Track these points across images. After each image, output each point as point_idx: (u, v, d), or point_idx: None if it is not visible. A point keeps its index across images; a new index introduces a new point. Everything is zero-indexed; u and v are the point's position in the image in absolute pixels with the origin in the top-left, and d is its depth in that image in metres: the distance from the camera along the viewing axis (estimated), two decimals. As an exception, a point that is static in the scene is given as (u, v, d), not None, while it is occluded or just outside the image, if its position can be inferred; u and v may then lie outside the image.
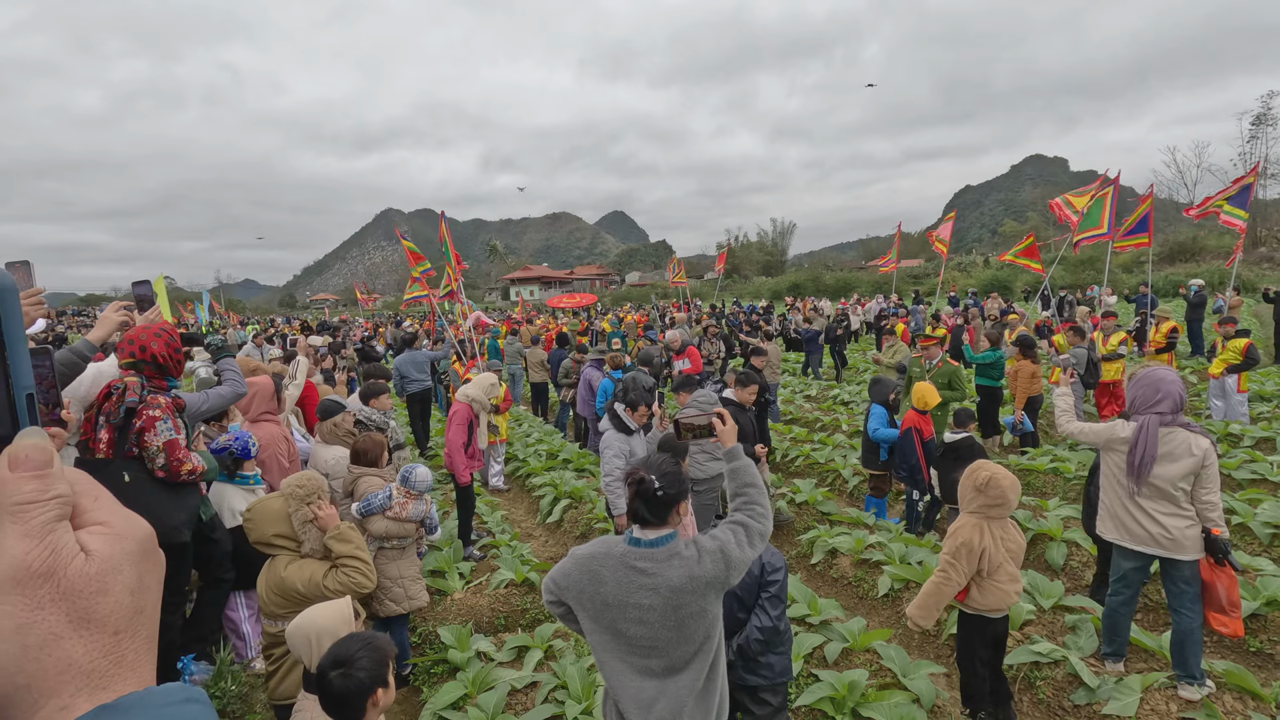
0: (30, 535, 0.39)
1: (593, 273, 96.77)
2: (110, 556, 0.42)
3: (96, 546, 0.41)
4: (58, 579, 0.39)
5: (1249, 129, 38.44)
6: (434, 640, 4.49)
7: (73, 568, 0.40)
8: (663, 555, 2.07)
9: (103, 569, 0.41)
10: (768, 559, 3.07)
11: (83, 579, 0.40)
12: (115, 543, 0.42)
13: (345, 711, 1.96)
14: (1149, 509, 3.62)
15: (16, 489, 0.40)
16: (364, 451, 4.32)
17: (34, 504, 0.40)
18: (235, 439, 4.01)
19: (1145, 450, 3.56)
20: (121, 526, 0.44)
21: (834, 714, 3.52)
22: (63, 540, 0.40)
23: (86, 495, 0.44)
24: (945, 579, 3.42)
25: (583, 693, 3.65)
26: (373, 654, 1.99)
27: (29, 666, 0.37)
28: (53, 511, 0.40)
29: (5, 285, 0.41)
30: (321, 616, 2.30)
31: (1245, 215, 10.03)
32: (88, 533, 0.42)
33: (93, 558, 0.41)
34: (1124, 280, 27.20)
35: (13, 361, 0.42)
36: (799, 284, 44.96)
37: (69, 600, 0.39)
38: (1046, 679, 3.84)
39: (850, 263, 68.68)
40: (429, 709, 3.65)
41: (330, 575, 2.96)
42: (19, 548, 0.39)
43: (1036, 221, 57.06)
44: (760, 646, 3.01)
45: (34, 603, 0.38)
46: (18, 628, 0.38)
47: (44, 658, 0.38)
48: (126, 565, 0.42)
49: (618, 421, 4.96)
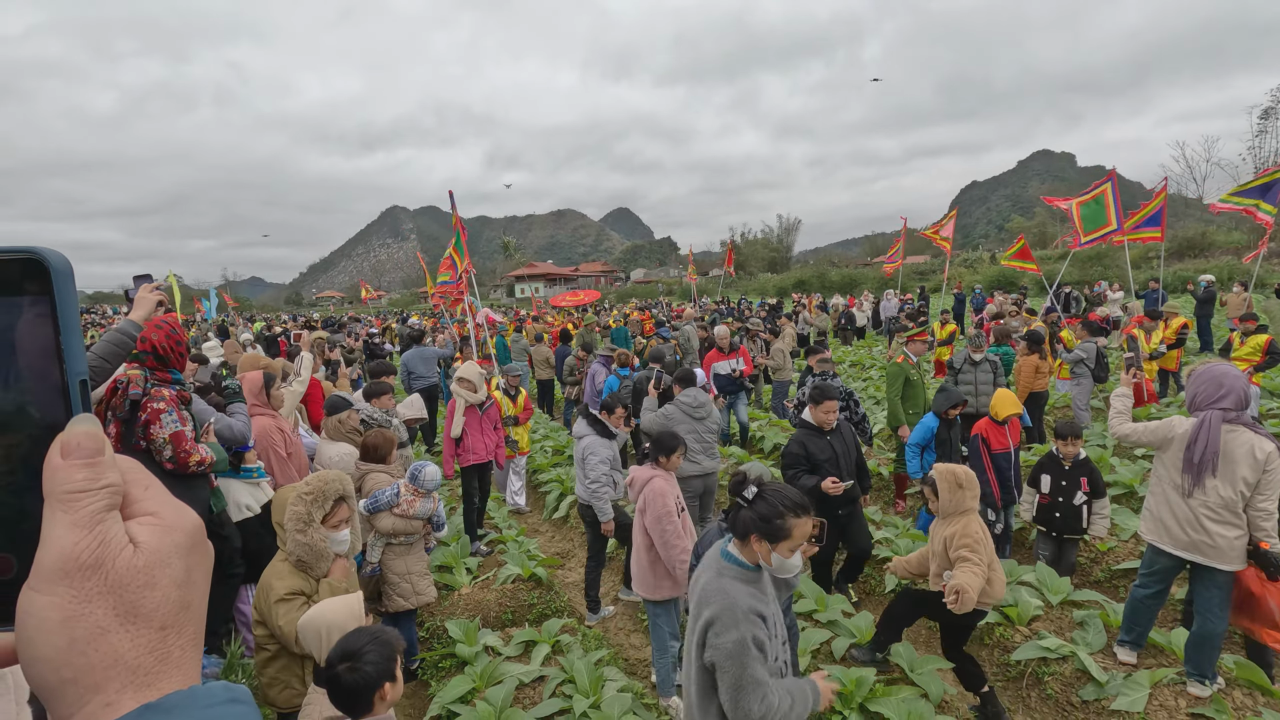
0: (79, 525, 0.38)
1: (597, 270, 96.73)
2: (159, 549, 0.41)
3: (145, 538, 0.41)
4: (106, 571, 0.38)
5: (1258, 123, 38.12)
6: (442, 635, 4.50)
7: (121, 560, 0.39)
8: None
9: (150, 562, 0.40)
10: None
11: (131, 572, 0.39)
12: (164, 535, 0.41)
13: (353, 705, 1.97)
14: (1199, 513, 3.44)
15: (67, 477, 0.39)
16: (374, 447, 4.32)
17: (84, 493, 0.39)
18: None
19: (1207, 447, 3.37)
20: (171, 518, 0.43)
21: (842, 709, 3.52)
22: (112, 531, 0.39)
23: (137, 484, 0.43)
24: (978, 571, 3.35)
25: (590, 687, 3.65)
26: (380, 648, 2.00)
27: (75, 660, 0.37)
28: (103, 501, 0.39)
29: (62, 269, 0.41)
30: (331, 611, 2.31)
31: (1275, 210, 9.88)
32: (137, 523, 0.41)
33: (141, 550, 0.40)
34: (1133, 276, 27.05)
35: (66, 346, 0.41)
36: (804, 280, 44.82)
37: (116, 594, 0.38)
38: (1055, 674, 3.83)
39: (855, 259, 68.43)
40: (437, 702, 3.66)
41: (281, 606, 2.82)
42: (68, 538, 0.38)
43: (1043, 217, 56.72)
44: None
45: (82, 595, 0.37)
46: (65, 620, 0.37)
47: (90, 652, 0.37)
48: (175, 558, 0.41)
49: (600, 427, 4.85)
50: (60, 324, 0.41)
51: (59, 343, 0.41)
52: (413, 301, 72.53)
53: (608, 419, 4.88)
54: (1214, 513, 3.41)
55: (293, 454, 4.69)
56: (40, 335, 0.41)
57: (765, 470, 3.08)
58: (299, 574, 2.93)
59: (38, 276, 0.41)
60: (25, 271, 0.40)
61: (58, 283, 0.41)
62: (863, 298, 24.16)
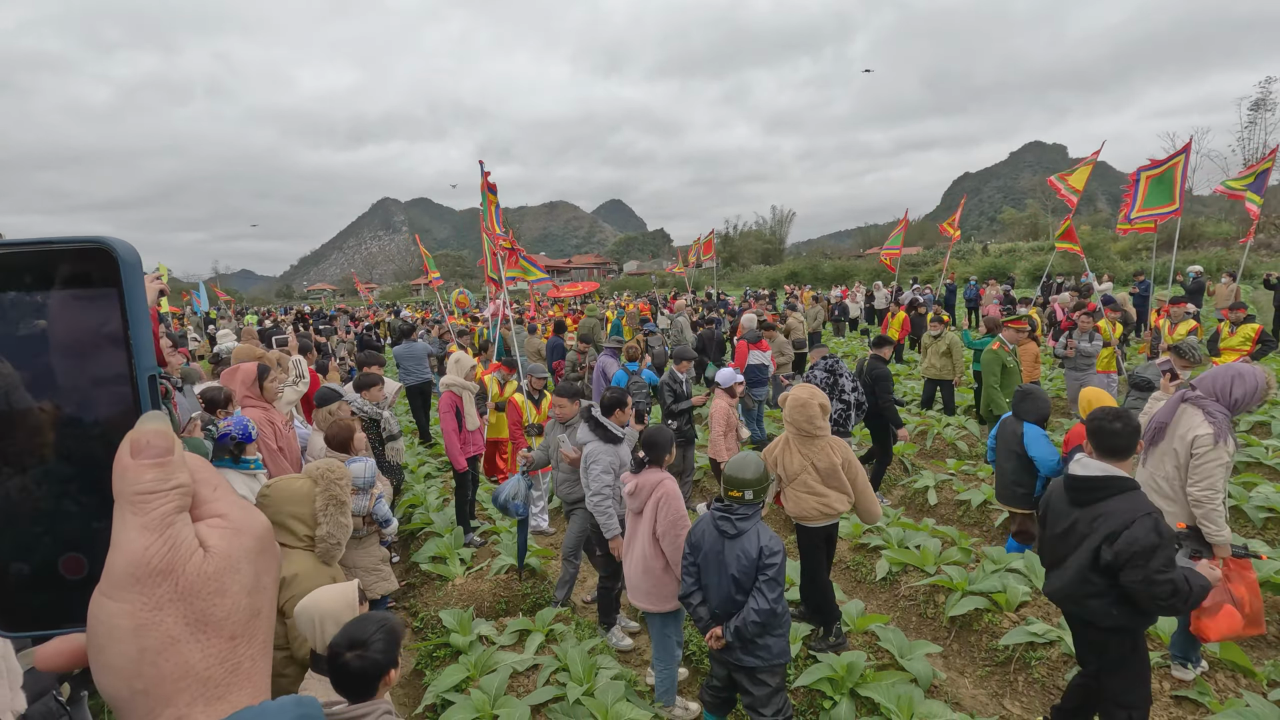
0: (150, 528, 0.37)
1: (590, 262, 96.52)
2: (229, 554, 0.39)
3: (215, 542, 0.39)
4: (176, 577, 0.37)
5: (1248, 114, 38.33)
6: (436, 624, 4.52)
7: (191, 565, 0.37)
8: None
9: (221, 567, 0.38)
10: (766, 542, 3.09)
11: (201, 578, 0.37)
12: (234, 538, 0.40)
13: (359, 690, 1.99)
14: (1147, 485, 3.58)
15: (137, 477, 0.37)
16: (333, 437, 4.29)
17: (155, 494, 0.37)
18: (235, 424, 4.02)
19: (1156, 417, 3.65)
20: (240, 520, 0.41)
21: (833, 694, 3.56)
22: (182, 535, 0.38)
23: (206, 484, 0.41)
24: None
25: (584, 675, 3.68)
26: (387, 635, 2.04)
27: (147, 671, 0.35)
28: (173, 503, 0.38)
29: (131, 260, 0.39)
30: (326, 600, 2.32)
31: (1261, 200, 9.83)
32: (206, 526, 0.39)
33: (211, 555, 0.38)
34: (1121, 267, 27.18)
35: (135, 341, 0.40)
36: (797, 272, 44.88)
37: (187, 601, 0.37)
38: (1042, 659, 3.89)
39: (848, 250, 68.53)
40: (432, 691, 3.69)
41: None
42: (139, 542, 0.36)
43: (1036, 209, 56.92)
44: (757, 629, 3.04)
45: (153, 602, 0.36)
46: (136, 628, 0.35)
47: (161, 662, 0.35)
48: (245, 563, 0.40)
49: (602, 431, 4.34)
50: (129, 317, 0.39)
51: (128, 336, 0.39)
52: (404, 294, 72.18)
53: (610, 420, 4.42)
54: (1157, 485, 3.59)
55: (284, 447, 4.68)
56: (108, 329, 0.39)
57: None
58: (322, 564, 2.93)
59: (105, 267, 0.39)
60: (92, 262, 0.39)
61: (126, 274, 0.39)
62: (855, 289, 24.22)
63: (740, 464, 3.29)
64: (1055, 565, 3.00)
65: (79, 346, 0.39)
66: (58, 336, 0.39)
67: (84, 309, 0.39)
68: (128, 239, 0.40)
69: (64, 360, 0.39)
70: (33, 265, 0.38)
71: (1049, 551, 3.06)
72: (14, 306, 0.38)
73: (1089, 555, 2.76)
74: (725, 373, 6.10)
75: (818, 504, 4.10)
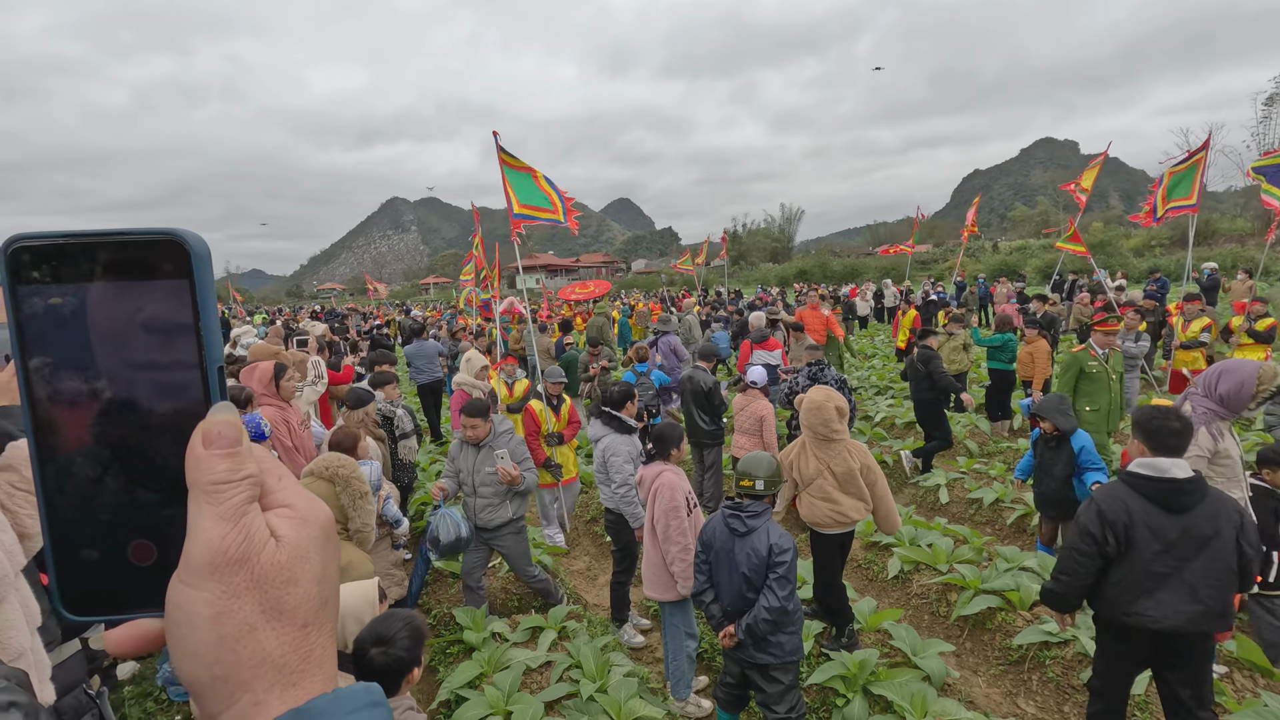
0: (225, 518, 0.37)
1: (598, 260, 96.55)
2: (298, 543, 0.40)
3: (285, 532, 0.40)
4: (251, 566, 0.37)
5: (1262, 109, 37.89)
6: (449, 621, 4.55)
7: (265, 554, 0.38)
8: None
9: (292, 556, 0.39)
10: (776, 540, 3.09)
11: (274, 567, 0.38)
12: (302, 528, 0.40)
13: (383, 687, 2.02)
14: None
15: (210, 467, 0.38)
16: (337, 444, 4.27)
17: (228, 484, 0.38)
18: (248, 422, 4.06)
19: None
20: (306, 510, 0.42)
21: (845, 692, 3.56)
22: (255, 524, 0.38)
23: (272, 475, 0.41)
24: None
25: (596, 671, 3.70)
26: (412, 634, 2.07)
27: (225, 658, 0.36)
28: (245, 493, 0.39)
29: (201, 251, 0.40)
30: (347, 596, 2.34)
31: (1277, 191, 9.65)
32: (275, 515, 0.40)
33: (283, 544, 0.39)
34: (1135, 264, 26.94)
35: (206, 332, 0.40)
36: (806, 270, 44.77)
37: (262, 590, 0.38)
38: (1055, 658, 3.87)
39: (857, 248, 68.25)
40: (446, 687, 3.71)
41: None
42: (215, 531, 0.37)
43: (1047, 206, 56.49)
44: (768, 626, 3.04)
45: (230, 591, 0.37)
46: (215, 616, 0.36)
47: (239, 649, 0.36)
48: (313, 552, 0.40)
49: (618, 424, 4.56)
50: (199, 308, 0.40)
51: (199, 327, 0.40)
52: (414, 293, 72.49)
53: (623, 413, 4.60)
54: None
55: (299, 446, 4.73)
56: (180, 320, 0.40)
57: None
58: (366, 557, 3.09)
59: (176, 259, 0.40)
60: (165, 254, 0.40)
61: (197, 266, 0.40)
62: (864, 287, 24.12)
63: (753, 461, 3.30)
64: (1158, 586, 2.67)
65: (151, 336, 0.40)
66: (131, 326, 0.39)
67: (156, 299, 0.40)
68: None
69: (137, 350, 0.39)
70: (107, 255, 0.39)
71: (1143, 572, 2.70)
72: (89, 294, 0.39)
73: (1231, 557, 2.62)
74: (758, 371, 6.05)
75: (830, 510, 4.01)
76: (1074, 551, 2.84)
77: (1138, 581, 2.71)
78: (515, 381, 6.85)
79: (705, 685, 4.04)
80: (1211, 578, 2.63)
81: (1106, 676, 2.96)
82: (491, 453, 4.38)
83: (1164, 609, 2.66)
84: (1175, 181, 9.80)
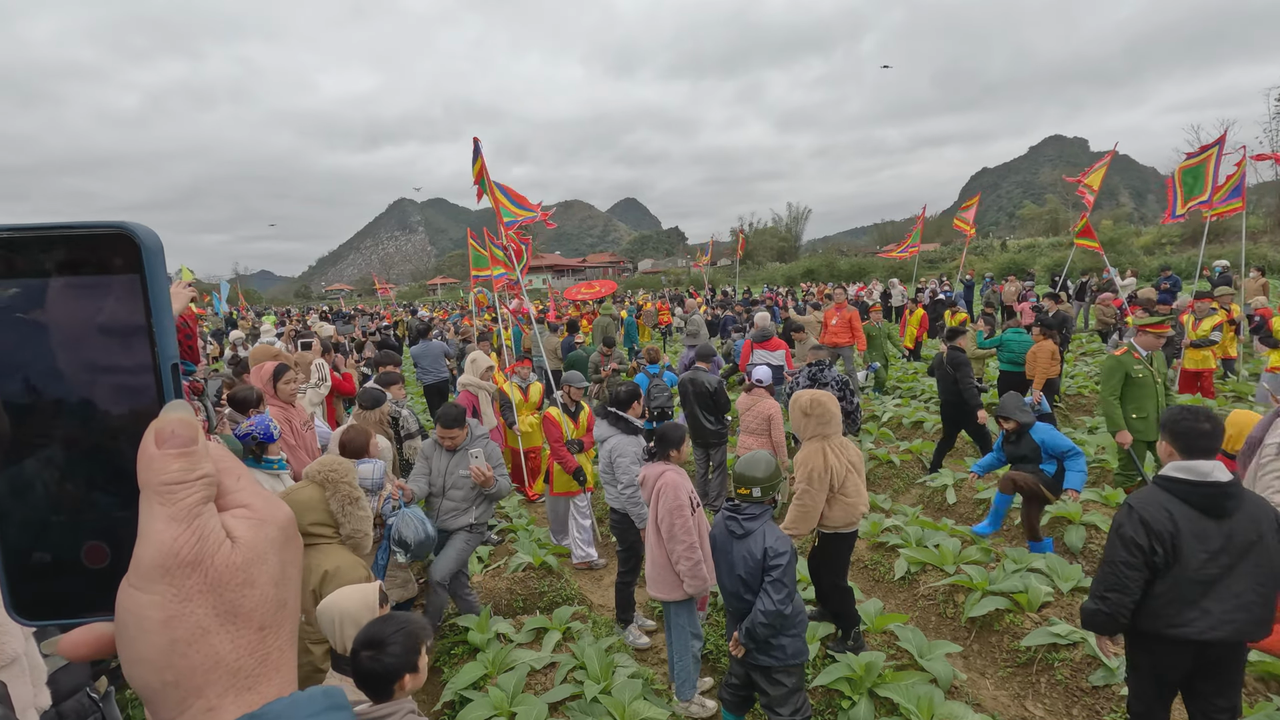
0: (177, 519, 0.36)
1: (605, 260, 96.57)
2: (255, 544, 0.39)
3: (241, 533, 0.39)
4: (205, 569, 0.36)
5: (1275, 104, 37.50)
6: (453, 622, 4.55)
7: (219, 556, 0.37)
8: None
9: (248, 558, 0.38)
10: (771, 544, 3.06)
11: (229, 569, 0.37)
12: (259, 529, 0.39)
13: (375, 691, 2.00)
14: None
15: (163, 467, 0.37)
16: (347, 443, 4.28)
17: (181, 484, 0.37)
18: (256, 423, 4.07)
19: (1253, 432, 3.32)
20: (264, 510, 0.41)
21: (851, 694, 3.54)
22: (210, 526, 0.37)
23: (229, 474, 0.40)
24: (805, 504, 3.66)
25: (601, 673, 3.69)
26: (405, 640, 2.01)
27: (177, 662, 0.35)
28: (199, 493, 0.38)
29: (154, 246, 0.39)
30: (345, 600, 2.33)
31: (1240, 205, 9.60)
32: (232, 516, 0.39)
33: (238, 546, 0.38)
34: (1145, 262, 26.73)
35: (158, 329, 0.39)
36: (813, 269, 44.66)
37: (216, 592, 0.36)
38: (1064, 660, 3.83)
39: (864, 247, 68.01)
40: (450, 688, 3.71)
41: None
42: (167, 533, 0.36)
43: (1056, 204, 56.12)
44: (766, 630, 3.02)
45: (182, 594, 0.36)
46: (166, 620, 0.35)
47: (191, 654, 0.35)
48: (270, 554, 0.39)
49: (624, 424, 4.59)
50: (151, 304, 0.39)
51: (151, 324, 0.39)
52: (421, 294, 72.75)
53: (628, 414, 4.62)
54: None
55: (300, 445, 4.76)
56: (131, 316, 0.39)
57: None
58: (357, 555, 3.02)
59: (127, 253, 0.38)
60: (115, 249, 0.38)
61: (148, 260, 0.38)
62: (872, 285, 24.00)
63: (751, 462, 3.27)
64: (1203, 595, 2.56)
65: (102, 334, 0.38)
66: (80, 323, 0.38)
67: (107, 295, 0.38)
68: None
69: (87, 347, 0.38)
70: (55, 250, 0.38)
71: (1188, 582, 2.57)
72: (35, 292, 0.38)
73: (1276, 561, 2.52)
74: (763, 370, 6.02)
75: (859, 506, 3.95)
76: (1120, 565, 2.65)
77: (1183, 592, 2.58)
78: (530, 385, 6.72)
79: (710, 686, 4.02)
80: (1256, 583, 2.53)
81: (1147, 699, 2.81)
82: (466, 455, 4.33)
83: (1211, 619, 2.54)
84: (1186, 177, 9.78)
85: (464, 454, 4.34)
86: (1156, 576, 2.63)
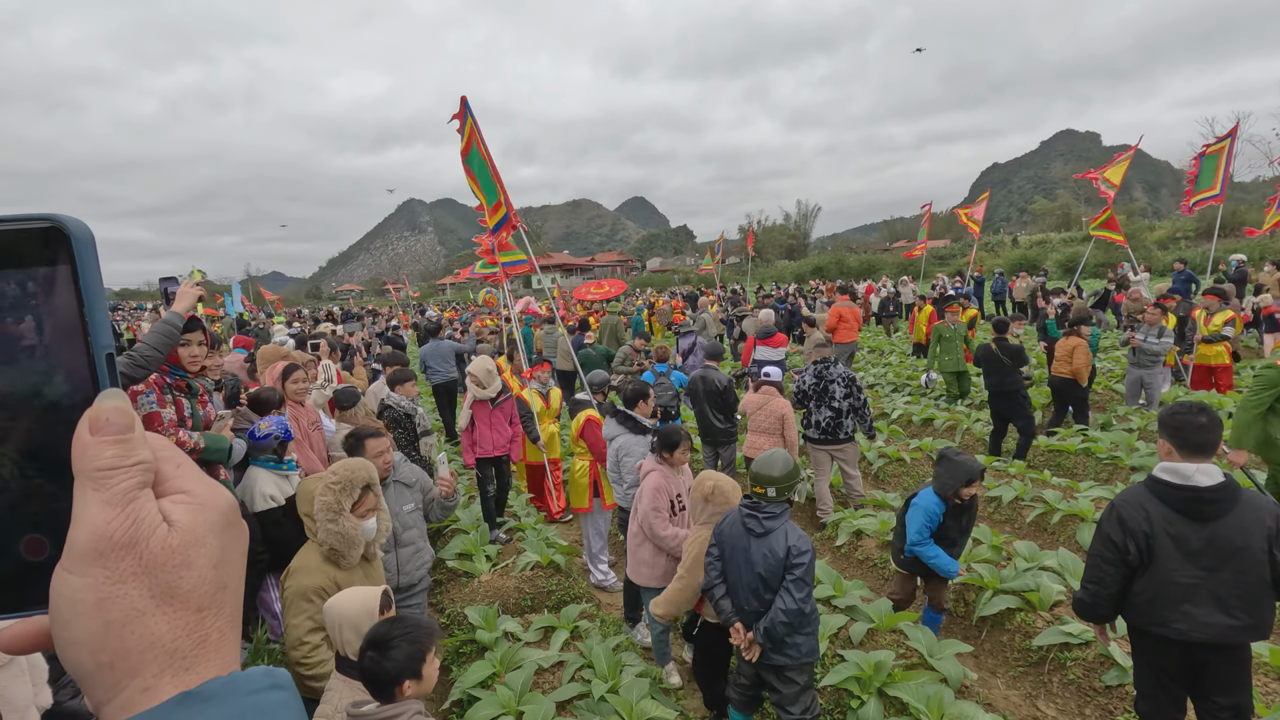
0: (111, 504, 0.37)
1: (613, 259, 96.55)
2: (193, 527, 0.39)
3: (179, 517, 0.39)
4: (140, 551, 0.37)
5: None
6: (462, 620, 4.56)
7: (155, 539, 0.37)
8: None
9: (185, 541, 0.39)
10: (794, 542, 3.06)
11: (165, 552, 0.38)
12: (198, 513, 0.40)
13: (376, 691, 2.00)
14: None
15: (97, 454, 0.37)
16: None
17: (116, 470, 0.37)
18: (275, 424, 4.11)
19: None
20: (204, 495, 0.41)
21: (860, 693, 3.52)
22: (145, 509, 0.38)
23: (168, 462, 0.41)
24: (684, 585, 3.57)
25: (609, 672, 3.68)
26: (410, 645, 1.98)
27: (111, 644, 0.36)
28: (135, 479, 0.38)
29: (83, 236, 0.39)
30: (347, 603, 2.30)
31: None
32: (170, 501, 0.40)
33: (175, 529, 0.39)
34: (1159, 257, 26.41)
35: (91, 319, 0.39)
36: (822, 267, 44.48)
37: (151, 574, 0.37)
38: (1077, 660, 3.79)
39: (874, 245, 67.65)
40: (458, 687, 3.72)
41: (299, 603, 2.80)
42: (100, 517, 0.36)
43: (1067, 199, 55.58)
44: (785, 629, 3.01)
45: (116, 576, 0.36)
46: (99, 602, 0.36)
47: (126, 635, 0.36)
48: (210, 537, 0.40)
49: (632, 424, 4.62)
50: (84, 295, 0.39)
51: (83, 314, 0.39)
52: (431, 293, 73.07)
53: (636, 413, 4.67)
54: None
55: (307, 444, 4.79)
56: (63, 307, 0.39)
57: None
58: (330, 564, 2.90)
59: (58, 245, 0.39)
60: (46, 241, 0.39)
61: (79, 251, 0.39)
62: (881, 283, 23.86)
63: (768, 461, 3.25)
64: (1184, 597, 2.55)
65: (33, 326, 0.39)
66: (12, 315, 0.39)
67: (36, 288, 0.39)
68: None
69: (18, 340, 0.39)
70: None
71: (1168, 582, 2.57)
72: None
73: (1265, 569, 2.47)
74: (775, 370, 6.03)
75: None
76: (1098, 559, 2.75)
77: (1163, 592, 2.60)
78: (550, 390, 6.60)
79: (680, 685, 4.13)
80: (1242, 589, 2.50)
81: (1151, 698, 2.82)
82: (403, 488, 3.77)
83: (1191, 621, 2.55)
84: (1204, 170, 9.72)
85: (400, 487, 3.77)
86: (1135, 574, 2.67)
